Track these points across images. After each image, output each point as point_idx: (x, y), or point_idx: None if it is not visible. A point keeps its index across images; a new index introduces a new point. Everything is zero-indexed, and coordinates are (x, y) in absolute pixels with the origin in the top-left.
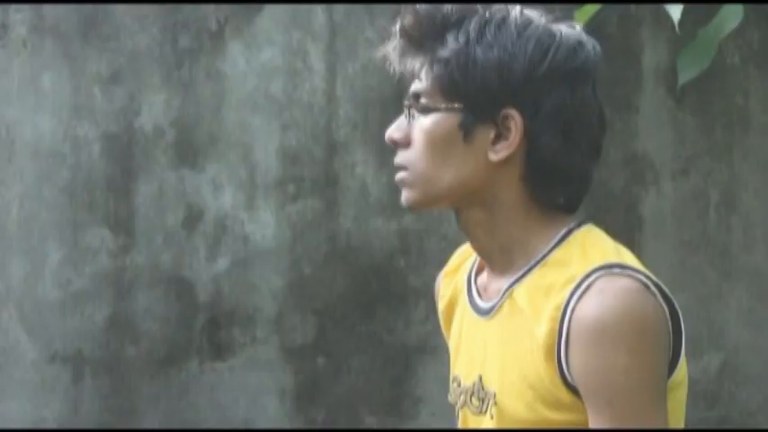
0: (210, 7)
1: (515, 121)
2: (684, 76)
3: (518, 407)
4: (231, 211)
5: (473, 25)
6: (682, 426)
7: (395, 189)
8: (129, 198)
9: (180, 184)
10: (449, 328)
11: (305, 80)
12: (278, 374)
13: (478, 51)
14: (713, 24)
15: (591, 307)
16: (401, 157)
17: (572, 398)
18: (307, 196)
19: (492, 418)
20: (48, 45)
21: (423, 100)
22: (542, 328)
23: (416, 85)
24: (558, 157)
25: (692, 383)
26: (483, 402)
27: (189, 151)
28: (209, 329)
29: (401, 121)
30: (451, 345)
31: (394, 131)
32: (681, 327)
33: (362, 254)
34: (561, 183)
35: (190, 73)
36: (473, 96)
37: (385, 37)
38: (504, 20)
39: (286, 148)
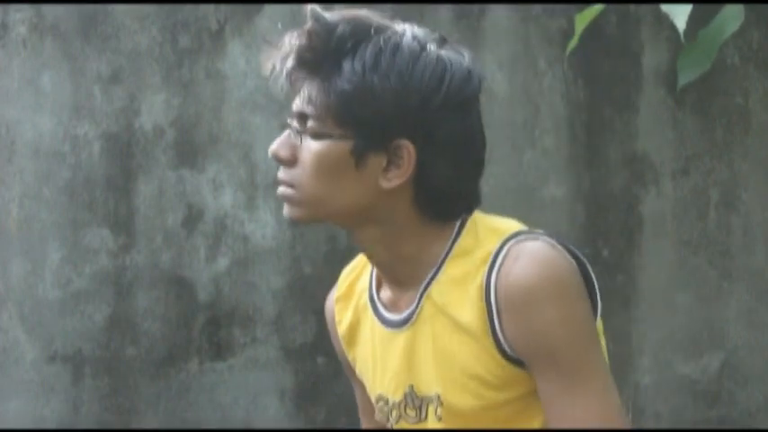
0: (210, 7)
1: (408, 150)
2: (684, 78)
3: (465, 399)
4: (231, 211)
5: (369, 53)
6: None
7: None
8: (129, 198)
9: (180, 184)
10: (352, 352)
11: None
12: (278, 374)
13: (375, 81)
14: (713, 26)
15: (512, 275)
16: (287, 174)
17: (515, 370)
18: None
19: (440, 419)
20: (48, 45)
21: (312, 123)
22: (468, 315)
23: (305, 108)
24: (447, 182)
25: (692, 383)
26: (420, 410)
27: (189, 151)
28: (209, 329)
29: (286, 139)
30: (363, 366)
31: (280, 149)
32: (592, 278)
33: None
34: (451, 204)
35: (190, 73)
36: (367, 126)
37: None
38: (398, 47)
39: None
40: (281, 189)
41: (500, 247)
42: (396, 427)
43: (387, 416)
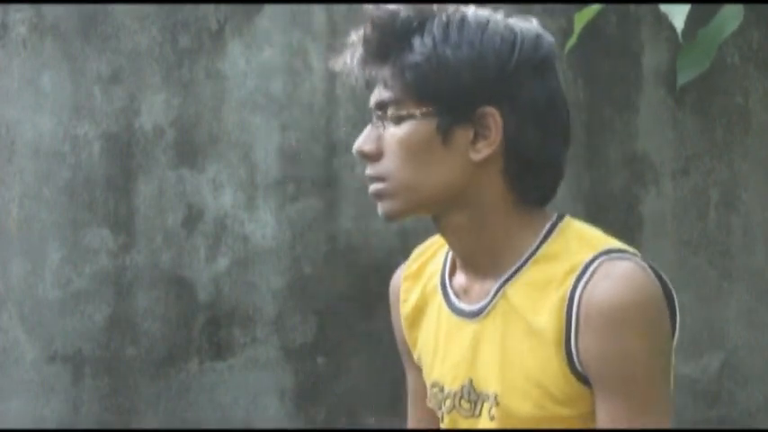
0: (210, 7)
1: (494, 118)
2: (683, 77)
3: (524, 406)
4: (231, 211)
5: (436, 27)
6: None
7: None
8: (129, 198)
9: (180, 184)
10: (414, 333)
11: (305, 80)
12: (278, 374)
13: (448, 52)
14: (713, 25)
15: (600, 292)
16: (374, 169)
17: (580, 388)
18: (307, 196)
19: (493, 419)
20: (48, 45)
21: (392, 109)
22: (546, 322)
23: (383, 95)
24: (537, 148)
25: (692, 383)
26: (475, 405)
27: (189, 151)
28: (209, 329)
29: (370, 133)
30: (423, 350)
31: (364, 144)
32: (675, 305)
33: (362, 254)
34: (540, 174)
35: (190, 73)
36: (448, 98)
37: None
38: (464, 19)
39: (286, 148)
40: (372, 186)
41: (591, 261)
42: (447, 416)
43: (440, 404)
